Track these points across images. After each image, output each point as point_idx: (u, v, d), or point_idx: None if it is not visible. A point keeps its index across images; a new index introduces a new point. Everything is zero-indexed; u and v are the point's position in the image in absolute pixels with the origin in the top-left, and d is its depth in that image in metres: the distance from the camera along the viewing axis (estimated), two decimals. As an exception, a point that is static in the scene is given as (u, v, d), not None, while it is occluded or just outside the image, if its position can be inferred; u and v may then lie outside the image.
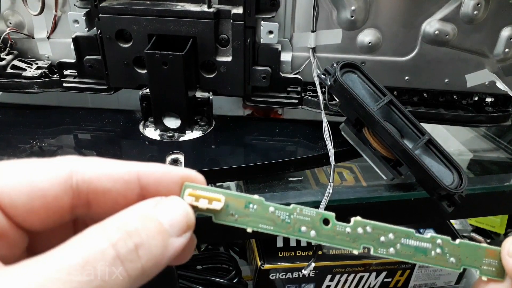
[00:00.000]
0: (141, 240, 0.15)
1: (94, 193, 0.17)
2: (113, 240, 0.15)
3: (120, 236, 0.15)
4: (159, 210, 0.17)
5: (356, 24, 0.45)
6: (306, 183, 0.50)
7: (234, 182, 0.52)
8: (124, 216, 0.16)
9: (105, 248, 0.15)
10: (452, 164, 0.39)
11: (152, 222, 0.16)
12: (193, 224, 0.18)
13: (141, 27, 0.43)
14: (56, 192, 0.16)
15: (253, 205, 0.19)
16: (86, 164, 0.17)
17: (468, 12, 0.43)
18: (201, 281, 0.59)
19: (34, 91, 0.49)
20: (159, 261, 0.16)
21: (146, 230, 0.16)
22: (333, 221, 0.20)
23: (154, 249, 0.16)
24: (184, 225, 0.17)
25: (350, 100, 0.40)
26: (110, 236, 0.15)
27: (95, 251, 0.14)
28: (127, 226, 0.16)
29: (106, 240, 0.15)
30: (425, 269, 0.61)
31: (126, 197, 0.18)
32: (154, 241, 0.16)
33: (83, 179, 0.17)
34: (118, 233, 0.15)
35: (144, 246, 0.15)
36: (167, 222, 0.17)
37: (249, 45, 0.44)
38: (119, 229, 0.15)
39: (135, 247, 0.15)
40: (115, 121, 0.51)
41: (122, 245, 0.15)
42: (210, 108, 0.48)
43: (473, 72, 0.46)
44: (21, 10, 0.47)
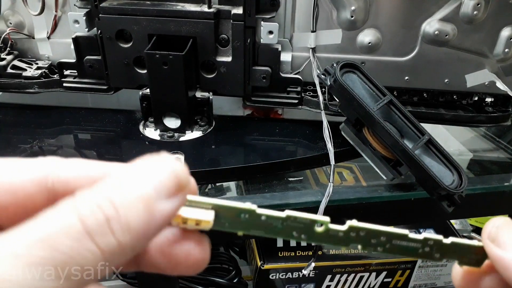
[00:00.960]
0: (114, 211, 0.14)
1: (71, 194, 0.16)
2: (81, 213, 0.14)
3: (89, 209, 0.14)
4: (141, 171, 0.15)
5: (356, 24, 0.45)
6: (306, 183, 0.50)
7: (234, 182, 0.52)
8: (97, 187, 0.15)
9: (72, 222, 0.14)
10: (452, 164, 0.39)
11: (131, 188, 0.15)
12: (186, 181, 0.16)
13: (141, 27, 0.43)
14: (29, 191, 0.16)
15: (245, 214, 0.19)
16: (63, 165, 0.17)
17: (468, 12, 0.43)
18: (201, 281, 0.59)
19: (34, 91, 0.49)
20: (142, 231, 0.14)
21: (121, 199, 0.14)
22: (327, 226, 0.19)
23: (133, 220, 0.14)
24: (173, 184, 0.15)
25: (350, 100, 0.40)
26: (79, 208, 0.14)
27: (60, 225, 0.13)
28: (99, 197, 0.14)
29: (73, 214, 0.14)
30: (425, 269, 0.61)
31: None
32: (133, 210, 0.14)
33: (59, 180, 0.16)
34: (86, 204, 0.14)
35: (120, 217, 0.14)
36: (150, 184, 0.15)
37: (249, 45, 0.44)
38: (89, 200, 0.14)
39: (105, 220, 0.14)
40: (115, 121, 0.51)
41: (91, 218, 0.14)
42: (210, 108, 0.48)
43: (473, 72, 0.46)
44: (22, 10, 0.48)
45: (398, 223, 0.62)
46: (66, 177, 0.16)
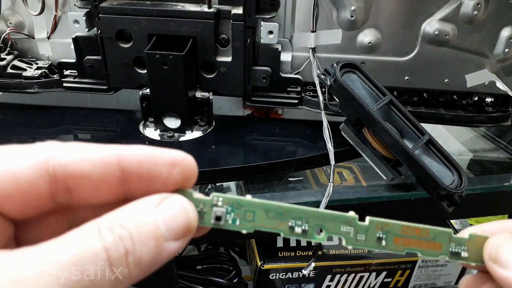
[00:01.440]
0: (132, 246, 0.15)
1: (72, 178, 0.16)
2: (106, 243, 0.15)
3: (113, 240, 0.15)
4: (159, 211, 0.16)
5: (356, 24, 0.45)
6: (306, 183, 0.50)
7: (234, 182, 0.52)
8: (120, 216, 0.16)
9: (98, 250, 0.15)
10: (452, 164, 0.39)
11: (148, 226, 0.16)
12: (194, 228, 0.17)
13: (141, 27, 0.43)
14: (31, 177, 0.16)
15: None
16: (63, 149, 0.17)
17: (468, 12, 0.43)
18: (201, 281, 0.59)
19: (34, 91, 0.49)
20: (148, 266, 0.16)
21: (139, 235, 0.15)
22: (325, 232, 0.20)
23: (144, 256, 0.15)
24: (184, 229, 0.17)
25: (350, 100, 0.40)
26: (104, 237, 0.15)
27: (88, 251, 0.14)
28: (121, 230, 0.15)
29: (99, 242, 0.15)
30: (425, 269, 0.61)
31: (107, 181, 0.17)
32: (147, 247, 0.16)
33: (59, 163, 0.16)
34: (111, 235, 0.15)
35: (135, 252, 0.15)
36: (165, 226, 0.16)
37: (249, 45, 0.44)
38: (112, 231, 0.15)
39: (125, 252, 0.15)
40: (115, 121, 0.51)
41: (114, 249, 0.15)
42: (210, 108, 0.48)
43: (473, 72, 0.46)
44: (22, 10, 0.48)
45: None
46: (66, 160, 0.16)
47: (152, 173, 0.17)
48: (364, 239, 0.19)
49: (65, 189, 0.17)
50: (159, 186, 0.18)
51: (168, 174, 0.17)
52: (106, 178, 0.17)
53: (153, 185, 0.17)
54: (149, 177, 0.17)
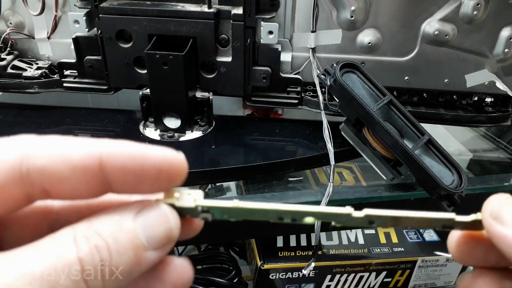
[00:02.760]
0: (108, 256, 0.14)
1: (49, 182, 0.15)
2: (81, 254, 0.14)
3: (89, 250, 0.14)
4: (138, 220, 0.16)
5: (356, 24, 0.45)
6: (306, 183, 0.50)
7: (234, 182, 0.52)
8: (98, 224, 0.15)
9: (72, 261, 0.14)
10: (452, 164, 0.39)
11: (126, 235, 0.15)
12: (175, 237, 0.16)
13: (141, 27, 0.43)
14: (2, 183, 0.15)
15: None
16: (38, 148, 0.15)
17: (467, 12, 0.43)
18: (201, 281, 0.59)
19: (35, 91, 0.49)
20: (126, 276, 0.15)
21: (116, 245, 0.15)
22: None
23: (122, 266, 0.15)
24: (164, 239, 0.16)
25: (350, 100, 0.40)
26: (79, 247, 0.14)
27: (61, 262, 0.14)
28: (98, 239, 0.14)
29: (74, 252, 0.14)
30: (425, 269, 0.61)
31: (88, 185, 0.15)
32: (124, 257, 0.15)
33: (34, 166, 0.15)
34: (87, 245, 0.14)
35: (111, 262, 0.14)
36: (144, 235, 0.15)
37: (249, 45, 0.44)
38: (89, 241, 0.14)
39: (100, 263, 0.14)
40: (115, 121, 0.51)
41: (89, 260, 0.14)
42: (210, 108, 0.48)
43: (473, 72, 0.46)
44: (22, 10, 0.48)
45: (398, 223, 0.62)
46: (41, 164, 0.15)
47: (138, 176, 0.16)
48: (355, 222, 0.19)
49: (42, 190, 0.15)
50: (145, 188, 0.16)
51: (155, 177, 0.16)
52: (86, 181, 0.15)
53: (139, 187, 0.16)
54: (134, 180, 0.16)
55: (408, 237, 0.63)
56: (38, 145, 0.15)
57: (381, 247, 0.60)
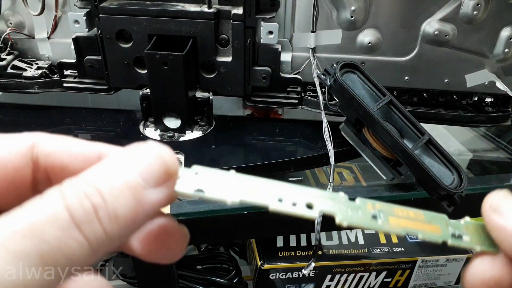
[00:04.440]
0: (101, 200, 0.14)
1: (52, 167, 0.16)
2: (68, 202, 0.13)
3: (76, 198, 0.13)
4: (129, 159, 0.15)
5: (356, 24, 0.45)
6: (306, 183, 0.50)
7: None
8: (86, 175, 0.14)
9: (58, 211, 0.13)
10: (452, 164, 0.39)
11: (118, 176, 0.14)
12: (175, 170, 0.16)
13: (141, 27, 0.43)
14: (17, 163, 0.16)
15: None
16: (48, 139, 0.17)
17: (467, 12, 0.43)
18: (201, 281, 0.59)
19: (35, 91, 0.49)
20: (130, 221, 0.14)
21: (109, 188, 0.14)
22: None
23: (121, 209, 0.14)
24: (161, 172, 0.15)
25: (350, 100, 0.40)
26: (66, 197, 0.13)
27: (46, 214, 0.13)
28: (86, 186, 0.14)
29: (60, 202, 0.13)
30: (425, 269, 0.61)
31: None
32: (121, 199, 0.14)
33: (42, 151, 0.16)
34: (74, 194, 0.13)
35: (107, 206, 0.14)
36: (139, 173, 0.15)
37: (249, 45, 0.44)
38: (76, 188, 0.14)
39: (93, 209, 0.13)
40: (115, 121, 0.51)
41: (77, 207, 0.13)
42: (210, 108, 0.48)
43: (473, 72, 0.46)
44: (22, 10, 0.48)
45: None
46: (48, 150, 0.16)
47: None
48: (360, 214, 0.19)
49: (46, 177, 0.17)
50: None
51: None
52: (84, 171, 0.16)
53: None
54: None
55: (408, 237, 0.63)
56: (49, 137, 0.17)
57: (381, 247, 0.60)
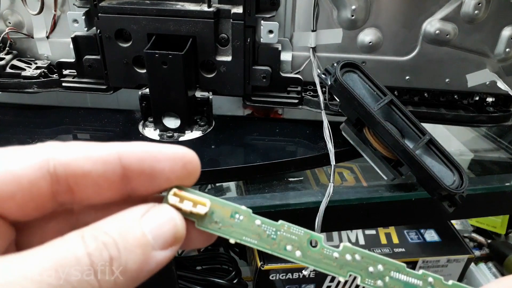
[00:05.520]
0: (117, 252, 0.15)
1: (73, 176, 0.16)
2: (90, 249, 0.15)
3: (96, 246, 0.15)
4: (145, 220, 0.16)
5: (357, 23, 0.44)
6: (306, 183, 0.49)
7: (234, 182, 0.52)
8: (106, 225, 0.16)
9: (80, 255, 0.14)
10: (453, 164, 0.39)
11: (133, 234, 0.16)
12: (181, 237, 0.17)
13: (140, 27, 0.43)
14: (32, 177, 0.16)
15: (239, 215, 0.19)
16: (63, 148, 0.17)
17: (469, 12, 0.43)
18: (201, 281, 0.59)
19: (33, 91, 0.49)
20: (136, 275, 0.16)
21: (124, 242, 0.15)
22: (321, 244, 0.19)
23: (130, 263, 0.15)
24: (171, 238, 0.17)
25: (351, 100, 0.40)
26: (87, 244, 0.15)
27: (70, 256, 0.14)
28: (106, 237, 0.15)
29: (82, 248, 0.15)
30: (426, 269, 0.61)
31: (108, 179, 0.17)
32: (132, 255, 0.15)
33: (60, 162, 0.16)
34: (95, 242, 0.15)
35: (120, 259, 0.15)
36: (151, 234, 0.16)
37: (249, 45, 0.44)
38: (96, 238, 0.15)
39: (109, 259, 0.15)
40: (115, 121, 0.50)
41: (97, 255, 0.15)
42: (210, 108, 0.48)
43: (474, 72, 0.46)
44: (21, 10, 0.47)
45: (399, 223, 0.62)
46: (66, 159, 0.16)
47: (153, 169, 0.17)
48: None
49: (67, 188, 0.16)
50: (162, 183, 0.17)
51: (170, 170, 0.17)
52: (107, 175, 0.17)
53: (156, 182, 0.17)
54: (151, 173, 0.17)
55: (409, 237, 0.63)
56: (63, 146, 0.17)
57: (381, 247, 0.60)
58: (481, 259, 0.78)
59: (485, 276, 0.71)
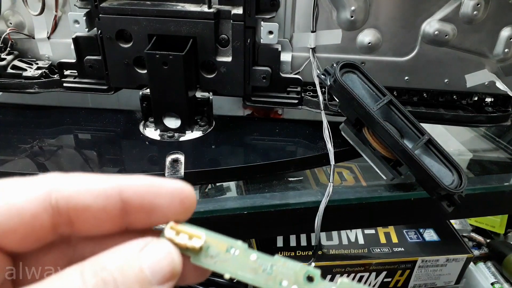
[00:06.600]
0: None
1: (75, 209, 0.17)
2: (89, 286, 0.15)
3: (95, 283, 0.15)
4: (144, 255, 0.17)
5: (356, 24, 0.45)
6: (306, 183, 0.50)
7: (234, 182, 0.52)
8: (104, 260, 0.16)
9: None
10: (452, 164, 0.39)
11: (132, 269, 0.16)
12: (178, 272, 0.17)
13: (141, 27, 0.43)
14: (34, 210, 0.16)
15: (234, 250, 0.18)
16: (65, 181, 0.17)
17: (467, 12, 0.43)
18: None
19: (35, 91, 0.49)
20: None
21: (123, 278, 0.15)
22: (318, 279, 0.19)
23: None
24: (168, 274, 0.17)
25: (350, 100, 0.40)
26: (86, 280, 0.15)
27: None
28: (104, 273, 0.15)
29: (81, 285, 0.15)
30: (425, 269, 0.61)
31: (108, 212, 0.17)
32: None
33: (62, 196, 0.16)
34: (93, 278, 0.15)
35: None
36: (149, 269, 0.16)
37: (249, 45, 0.44)
38: (95, 274, 0.15)
39: None
40: (115, 121, 0.51)
41: None
42: (210, 108, 0.48)
43: (473, 72, 0.46)
44: (22, 11, 0.48)
45: (398, 223, 0.62)
46: (69, 193, 0.17)
47: (153, 204, 0.18)
48: None
49: (68, 220, 0.17)
50: (159, 217, 0.18)
51: (168, 206, 0.18)
52: (107, 209, 0.17)
53: (153, 216, 0.18)
54: (150, 208, 0.18)
55: (408, 237, 0.63)
56: (65, 179, 0.17)
57: (381, 247, 0.61)
58: (480, 259, 0.78)
59: (484, 275, 0.72)
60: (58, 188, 0.17)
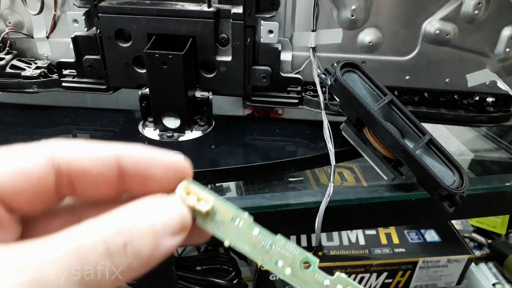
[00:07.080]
0: (130, 238, 0.16)
1: (75, 173, 0.18)
2: (105, 236, 0.16)
3: (111, 233, 0.16)
4: (155, 209, 0.18)
5: (357, 23, 0.44)
6: (306, 183, 0.49)
7: (234, 182, 0.52)
8: (119, 214, 0.17)
9: (97, 241, 0.16)
10: (453, 164, 0.39)
11: (145, 222, 0.17)
12: (188, 225, 0.18)
13: (140, 27, 0.43)
14: (40, 172, 0.17)
15: (240, 220, 0.19)
16: (66, 147, 0.18)
17: (469, 12, 0.43)
18: (201, 282, 0.59)
19: (33, 91, 0.49)
20: (147, 259, 0.17)
21: (136, 229, 0.17)
22: (314, 267, 0.19)
23: (143, 248, 0.17)
24: (178, 226, 0.18)
25: (351, 100, 0.40)
26: (103, 231, 0.16)
27: (88, 242, 0.16)
28: (119, 224, 0.17)
29: (98, 235, 0.16)
30: (426, 269, 0.61)
31: (106, 177, 0.18)
32: (144, 240, 0.17)
33: (63, 160, 0.18)
34: (109, 229, 0.16)
35: (133, 244, 0.16)
36: (160, 222, 0.17)
37: (249, 45, 0.44)
38: (111, 226, 0.16)
39: (123, 245, 0.16)
40: (115, 121, 0.50)
41: (113, 241, 0.16)
42: (210, 108, 0.48)
43: (474, 72, 0.46)
44: (21, 10, 0.47)
45: (399, 223, 0.62)
46: (69, 158, 0.18)
47: (147, 173, 0.19)
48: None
49: (69, 183, 0.18)
50: (154, 186, 0.19)
51: (162, 175, 0.19)
52: (105, 174, 0.18)
53: (149, 184, 0.19)
54: (144, 176, 0.19)
55: (409, 237, 0.63)
56: (66, 145, 0.18)
57: (382, 248, 0.60)
58: (481, 259, 0.77)
59: (486, 276, 0.71)
60: (60, 153, 0.18)
